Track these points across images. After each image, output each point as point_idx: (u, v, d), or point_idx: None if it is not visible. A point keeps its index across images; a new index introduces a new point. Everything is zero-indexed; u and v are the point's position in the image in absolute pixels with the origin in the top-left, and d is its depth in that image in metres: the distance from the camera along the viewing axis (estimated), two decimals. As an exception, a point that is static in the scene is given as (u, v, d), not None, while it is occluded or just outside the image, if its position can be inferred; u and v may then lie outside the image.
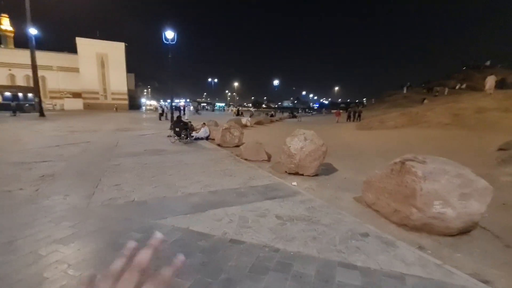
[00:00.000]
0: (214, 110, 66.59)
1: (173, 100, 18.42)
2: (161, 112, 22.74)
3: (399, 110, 26.58)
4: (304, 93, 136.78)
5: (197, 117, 26.03)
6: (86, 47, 45.25)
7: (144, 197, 4.05)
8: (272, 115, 31.35)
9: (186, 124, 10.25)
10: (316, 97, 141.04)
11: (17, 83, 44.98)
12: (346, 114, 29.69)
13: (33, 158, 6.63)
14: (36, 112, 24.20)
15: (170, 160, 6.88)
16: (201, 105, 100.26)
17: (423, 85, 53.93)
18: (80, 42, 45.12)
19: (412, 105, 36.60)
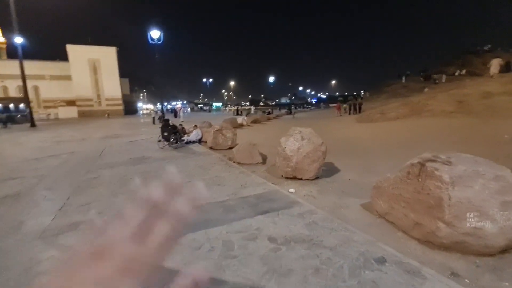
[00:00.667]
0: (211, 111, 65.69)
1: (163, 103, 17.73)
2: (154, 116, 22.06)
3: (399, 100, 25.84)
4: (301, 88, 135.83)
5: (190, 119, 25.33)
6: (77, 54, 44.50)
7: (113, 220, 3.40)
8: (269, 113, 30.64)
9: (175, 127, 9.58)
10: (313, 92, 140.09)
11: (10, 94, 44.35)
12: (347, 107, 28.93)
13: (3, 175, 5.98)
14: (28, 123, 23.52)
15: (154, 169, 6.23)
16: (198, 106, 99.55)
17: (421, 74, 53.01)
18: (71, 49, 44.38)
19: (411, 94, 35.80)
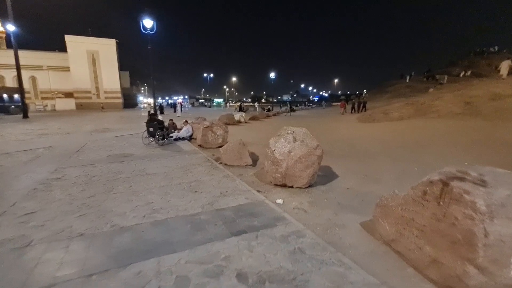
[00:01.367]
0: (211, 106, 64.88)
1: (155, 97, 17.04)
2: (149, 110, 21.37)
3: (402, 100, 25.05)
4: (302, 86, 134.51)
5: (188, 114, 24.67)
6: (76, 45, 43.74)
7: (50, 237, 2.73)
8: (269, 110, 29.89)
9: (162, 122, 8.88)
10: (315, 90, 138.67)
11: (6, 84, 43.60)
12: (350, 106, 28.13)
13: (-42, 172, 5.31)
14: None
15: (130, 169, 5.55)
16: (199, 101, 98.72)
17: (425, 74, 51.97)
18: (69, 40, 43.59)
19: (415, 94, 34.95)
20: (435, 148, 7.85)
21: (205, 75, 78.97)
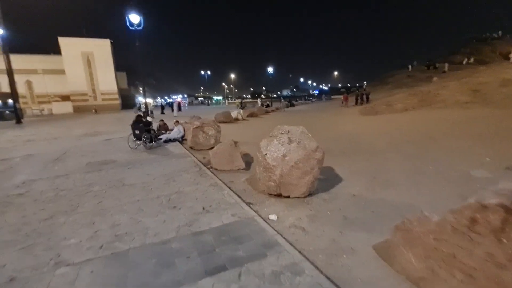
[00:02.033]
0: (210, 104, 64.10)
1: (145, 96, 16.40)
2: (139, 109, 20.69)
3: (404, 91, 24.19)
4: (302, 80, 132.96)
5: (185, 113, 24.06)
6: (70, 47, 43.04)
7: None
8: (267, 106, 29.09)
9: (149, 124, 8.22)
10: (315, 84, 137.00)
11: (2, 89, 43.04)
12: (354, 98, 27.31)
13: None
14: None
15: (106, 179, 4.90)
16: (198, 99, 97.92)
17: (427, 63, 50.86)
18: (63, 42, 42.86)
19: (417, 84, 33.99)
20: (447, 141, 7.14)
21: (203, 72, 77.98)
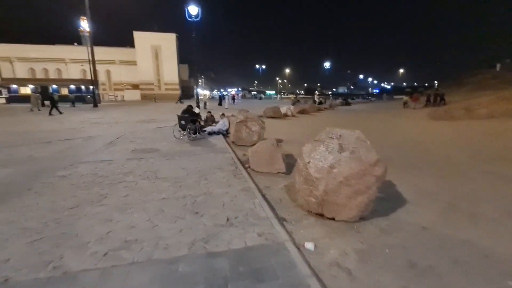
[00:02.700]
0: (262, 98, 64.26)
1: (198, 87, 16.75)
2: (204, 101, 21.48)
3: (489, 94, 20.08)
4: (361, 77, 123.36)
5: (234, 106, 24.27)
6: (142, 40, 47.60)
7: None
8: (320, 103, 27.47)
9: (196, 115, 8.14)
10: (375, 81, 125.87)
11: (87, 76, 50.15)
12: (425, 98, 24.09)
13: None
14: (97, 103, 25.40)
15: (143, 169, 4.82)
16: (251, 93, 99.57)
17: (520, 61, 41.66)
18: (137, 36, 47.53)
19: (506, 86, 28.15)
20: None
21: (257, 66, 78.46)
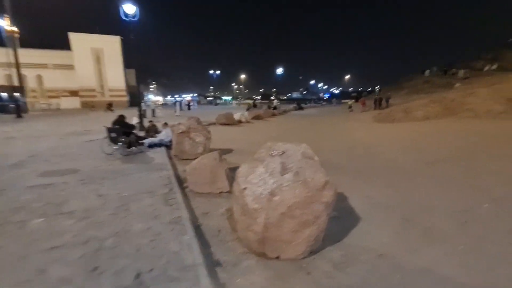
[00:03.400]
0: (218, 104, 63.21)
1: (142, 94, 15.42)
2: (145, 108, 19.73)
3: (423, 97, 22.46)
4: (312, 82, 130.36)
5: (187, 113, 23.06)
6: (80, 42, 43.02)
7: None
8: (274, 108, 27.69)
9: (130, 126, 7.05)
10: (326, 87, 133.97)
11: (14, 83, 43.29)
12: (372, 102, 25.93)
13: None
14: (22, 113, 21.46)
15: (45, 201, 3.69)
16: (207, 99, 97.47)
17: (445, 69, 48.61)
18: (73, 37, 42.86)
19: (435, 90, 32.11)
20: (494, 162, 5.62)
21: (212, 72, 77.27)
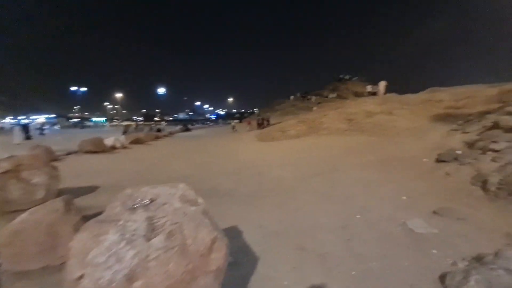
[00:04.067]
0: (84, 127, 52.84)
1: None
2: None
3: (291, 118, 26.54)
4: (198, 103, 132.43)
5: (38, 141, 17.76)
6: None
7: None
8: (158, 130, 25.49)
9: None
10: (211, 108, 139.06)
11: None
12: (256, 122, 28.09)
13: None
14: None
15: None
16: (70, 121, 79.70)
17: (304, 94, 60.98)
18: None
19: (299, 112, 39.04)
20: (351, 171, 6.77)
21: (75, 88, 64.65)
